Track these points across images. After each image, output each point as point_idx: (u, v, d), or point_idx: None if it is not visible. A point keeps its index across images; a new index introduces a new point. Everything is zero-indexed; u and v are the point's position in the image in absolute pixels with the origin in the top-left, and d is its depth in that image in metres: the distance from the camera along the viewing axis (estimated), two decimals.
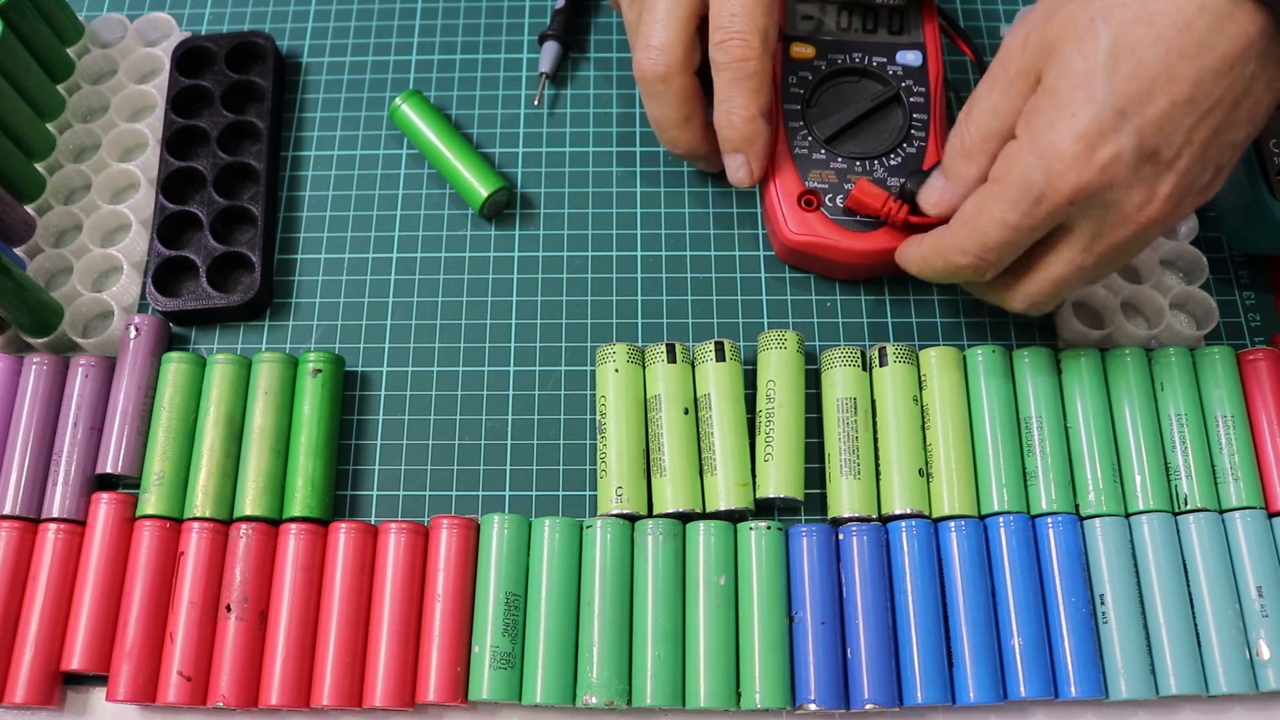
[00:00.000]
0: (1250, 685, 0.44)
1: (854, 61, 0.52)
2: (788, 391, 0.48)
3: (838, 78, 0.52)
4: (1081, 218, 0.40)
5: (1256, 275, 0.53)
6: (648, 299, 0.53)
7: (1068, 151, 0.38)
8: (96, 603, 0.45)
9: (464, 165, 0.54)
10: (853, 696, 0.44)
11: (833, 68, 0.52)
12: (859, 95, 0.52)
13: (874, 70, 0.52)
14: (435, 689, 0.44)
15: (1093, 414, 0.47)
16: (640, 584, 0.45)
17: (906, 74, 0.52)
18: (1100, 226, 0.40)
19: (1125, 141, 0.37)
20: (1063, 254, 0.41)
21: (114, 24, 0.59)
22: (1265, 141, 0.49)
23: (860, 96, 0.52)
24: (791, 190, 0.50)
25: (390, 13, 0.60)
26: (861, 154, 0.50)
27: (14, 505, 0.46)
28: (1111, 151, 0.37)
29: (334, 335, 0.52)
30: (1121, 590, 0.45)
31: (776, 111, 0.51)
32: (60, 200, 0.54)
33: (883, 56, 0.52)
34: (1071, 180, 0.38)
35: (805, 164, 0.50)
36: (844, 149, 0.50)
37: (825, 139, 0.50)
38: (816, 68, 0.52)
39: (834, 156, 0.50)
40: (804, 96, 0.51)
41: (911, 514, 0.46)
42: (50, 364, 0.49)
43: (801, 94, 0.52)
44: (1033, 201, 0.39)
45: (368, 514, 0.49)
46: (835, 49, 0.53)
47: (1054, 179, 0.38)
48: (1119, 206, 0.39)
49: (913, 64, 0.52)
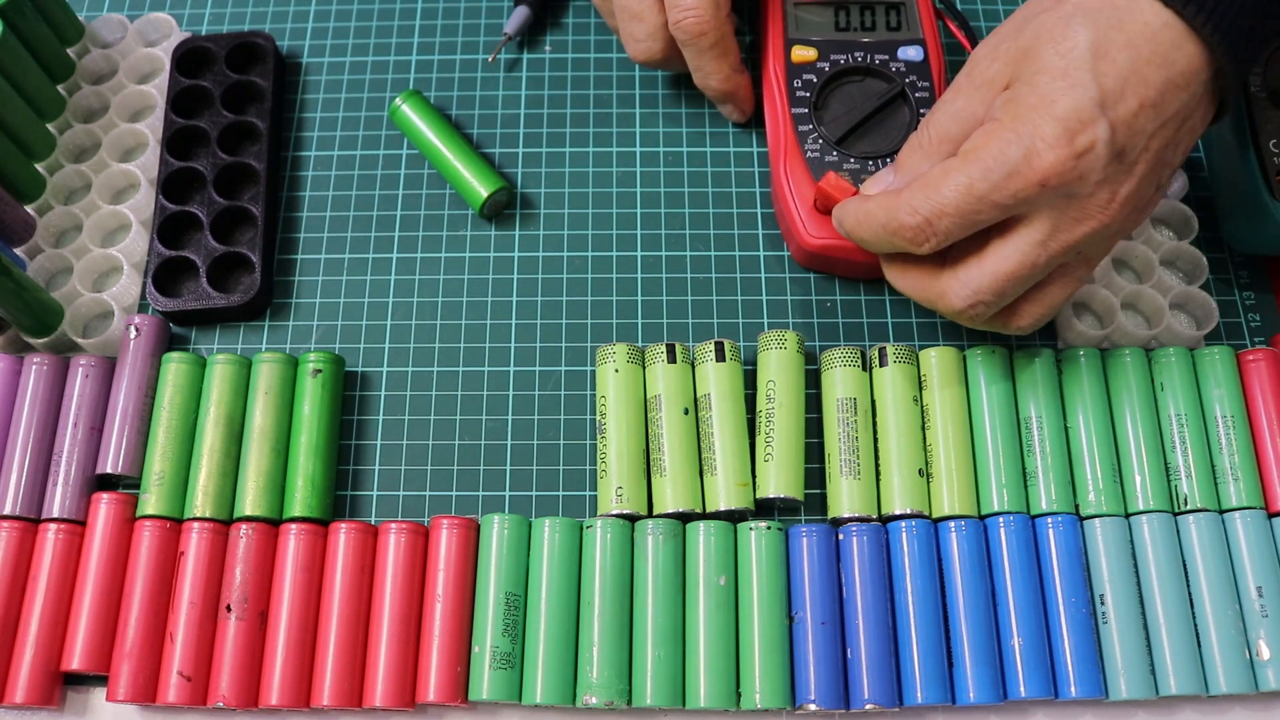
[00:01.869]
0: (1250, 685, 0.44)
1: (856, 61, 0.52)
2: (788, 391, 0.48)
3: (842, 78, 0.52)
4: (1045, 207, 0.39)
5: (1256, 275, 0.53)
6: (648, 299, 0.53)
7: (1049, 132, 0.38)
8: (96, 603, 0.45)
9: (464, 165, 0.54)
10: (853, 696, 0.44)
11: (836, 69, 0.52)
12: (865, 94, 0.52)
13: (877, 68, 0.52)
14: (435, 689, 0.44)
15: (1093, 414, 0.47)
16: (640, 584, 0.45)
17: (909, 70, 0.52)
18: (1060, 220, 0.39)
19: (1101, 133, 0.38)
20: (1019, 244, 0.40)
21: (114, 24, 0.59)
22: (1265, 142, 0.49)
23: (866, 95, 0.52)
24: (807, 195, 0.50)
25: (390, 13, 0.60)
26: (873, 153, 0.50)
27: (14, 505, 0.46)
28: (1088, 140, 0.38)
29: (334, 335, 0.52)
30: (1121, 590, 0.45)
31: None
32: (60, 200, 0.54)
33: (884, 54, 0.52)
34: (1050, 160, 0.38)
35: (818, 167, 0.50)
36: (855, 149, 0.50)
37: (835, 140, 0.50)
38: (820, 70, 0.52)
39: (846, 157, 0.50)
40: (810, 100, 0.52)
41: (911, 514, 0.46)
42: (50, 364, 0.49)
43: (808, 97, 0.52)
44: (1006, 175, 0.38)
45: (368, 514, 0.49)
46: (837, 50, 0.53)
47: (1032, 157, 0.38)
48: (1082, 202, 0.39)
49: (915, 59, 0.52)
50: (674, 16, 0.50)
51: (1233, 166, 0.51)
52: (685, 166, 0.56)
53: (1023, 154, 0.38)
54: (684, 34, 0.50)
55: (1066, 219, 0.39)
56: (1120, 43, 0.38)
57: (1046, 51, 0.39)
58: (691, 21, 0.50)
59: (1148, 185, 0.40)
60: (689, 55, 0.52)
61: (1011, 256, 0.40)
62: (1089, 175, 0.38)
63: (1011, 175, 0.38)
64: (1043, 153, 0.38)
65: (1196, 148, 0.56)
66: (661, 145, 0.56)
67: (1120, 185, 0.39)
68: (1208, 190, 0.55)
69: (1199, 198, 0.54)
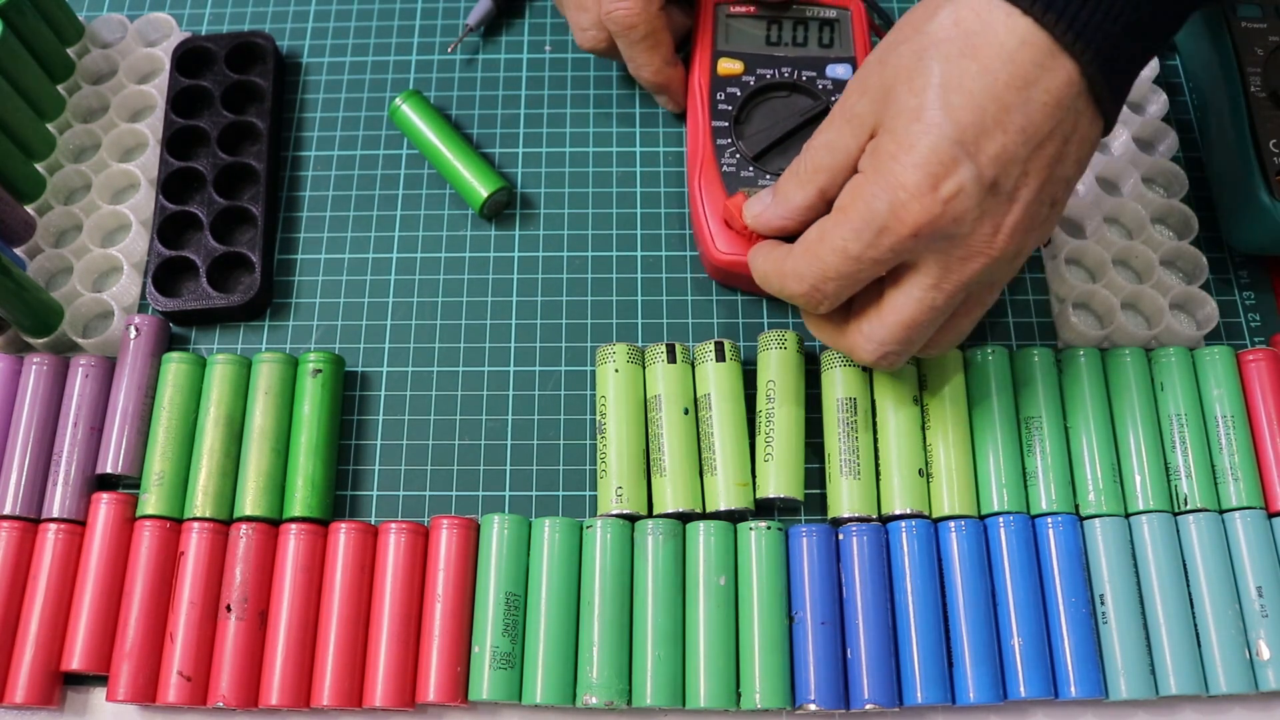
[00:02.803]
0: (1250, 685, 0.44)
1: (783, 76, 0.51)
2: (788, 391, 0.48)
3: (767, 93, 0.51)
4: (927, 253, 0.38)
5: (1256, 275, 0.53)
6: (648, 299, 0.53)
7: (909, 180, 0.37)
8: (96, 603, 0.45)
9: (464, 165, 0.54)
10: (853, 696, 0.44)
11: (761, 83, 0.51)
12: (789, 110, 0.51)
13: (804, 85, 0.51)
14: (435, 689, 0.44)
15: (1093, 414, 0.47)
16: (640, 584, 0.45)
17: (837, 88, 0.51)
18: (948, 261, 0.38)
19: (966, 173, 0.36)
20: (911, 292, 0.39)
21: (114, 24, 0.59)
22: (1265, 142, 0.49)
23: (790, 112, 0.50)
24: (719, 210, 0.49)
25: (390, 13, 0.60)
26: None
27: (14, 505, 0.46)
28: (955, 184, 0.36)
29: (334, 335, 0.52)
30: (1121, 590, 0.45)
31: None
32: (60, 200, 0.54)
33: (813, 70, 0.51)
34: (916, 211, 0.37)
35: (733, 181, 0.49)
36: (773, 165, 0.49)
37: (753, 156, 0.49)
38: (745, 83, 0.51)
39: (762, 173, 0.49)
40: (732, 113, 0.50)
41: (911, 514, 0.46)
42: (50, 364, 0.49)
43: (730, 110, 0.51)
44: (876, 232, 0.38)
45: (368, 514, 0.49)
46: (764, 64, 0.52)
47: (898, 209, 0.37)
48: (966, 240, 0.38)
49: (843, 77, 0.51)
50: (605, 8, 0.51)
51: (1233, 166, 0.51)
52: (685, 166, 0.56)
53: (888, 207, 0.37)
54: (615, 25, 0.51)
55: (954, 259, 0.38)
56: (973, 71, 0.36)
57: (901, 91, 0.37)
58: (622, 14, 0.50)
59: (1038, 208, 0.38)
60: (621, 46, 0.52)
61: (907, 305, 0.40)
62: (963, 216, 0.37)
63: (882, 231, 0.37)
64: (908, 204, 0.37)
65: (1196, 148, 0.56)
66: (661, 145, 0.56)
67: (1003, 217, 0.38)
68: (1208, 190, 0.55)
69: (1199, 198, 0.54)
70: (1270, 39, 0.52)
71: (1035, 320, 0.52)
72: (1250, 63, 0.51)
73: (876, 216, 0.37)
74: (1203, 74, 0.55)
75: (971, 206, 0.37)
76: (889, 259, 0.38)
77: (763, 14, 0.54)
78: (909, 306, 0.40)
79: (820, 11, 0.54)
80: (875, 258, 0.38)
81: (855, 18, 0.53)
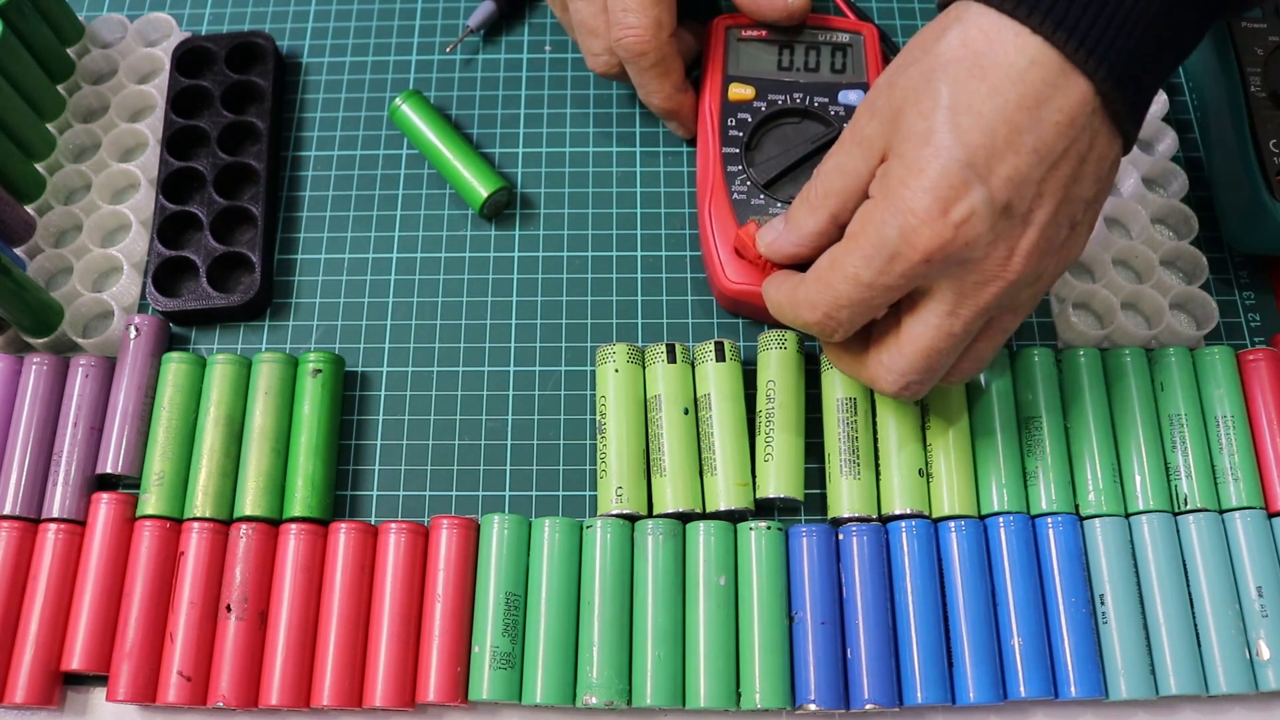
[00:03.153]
0: (1250, 685, 0.44)
1: (795, 102, 0.51)
2: (788, 391, 0.48)
3: (778, 119, 0.51)
4: (941, 278, 0.38)
5: (1256, 275, 0.53)
6: (648, 299, 0.53)
7: (919, 205, 0.36)
8: (96, 603, 0.45)
9: (464, 165, 0.54)
10: (853, 696, 0.44)
11: (773, 109, 0.50)
12: (801, 137, 0.50)
13: (816, 111, 0.50)
14: (435, 689, 0.44)
15: (1092, 414, 0.47)
16: (640, 584, 0.45)
17: (849, 114, 0.50)
18: (962, 287, 0.38)
19: (977, 197, 0.35)
20: (929, 320, 0.39)
21: (114, 24, 0.59)
22: (1265, 142, 0.49)
23: (802, 138, 0.50)
24: (729, 238, 0.48)
25: (390, 13, 0.60)
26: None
27: (14, 505, 0.46)
28: (966, 208, 0.36)
29: (334, 335, 0.52)
30: (1121, 590, 0.45)
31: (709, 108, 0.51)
32: (60, 200, 0.54)
33: (825, 96, 0.51)
34: (927, 236, 0.36)
35: (744, 209, 0.48)
36: (784, 193, 0.48)
37: (764, 184, 0.49)
38: (756, 109, 0.51)
39: (773, 201, 0.49)
40: (743, 140, 0.50)
41: (911, 514, 0.46)
42: (50, 364, 0.49)
43: (740, 136, 0.50)
44: (888, 259, 0.37)
45: (368, 514, 0.49)
46: (776, 89, 0.51)
47: (909, 234, 0.36)
48: (980, 265, 0.37)
49: (855, 104, 0.50)
50: (615, 35, 0.49)
51: (1233, 166, 0.51)
52: (686, 166, 0.56)
53: (899, 233, 0.36)
54: (625, 52, 0.50)
55: (969, 285, 0.38)
56: (983, 92, 0.36)
57: (910, 114, 0.37)
58: (632, 40, 0.49)
59: (1054, 230, 0.37)
60: (631, 73, 0.51)
61: (925, 333, 0.39)
62: (976, 240, 0.36)
63: (894, 258, 0.37)
64: (919, 229, 0.36)
65: (1196, 148, 0.56)
66: (661, 145, 0.56)
67: (1018, 240, 0.37)
68: (1208, 190, 0.55)
69: (1199, 198, 0.54)
70: (1270, 39, 0.52)
71: (1035, 320, 0.52)
72: (1250, 63, 0.51)
73: (887, 243, 0.37)
74: (1203, 74, 0.56)
75: (984, 230, 0.36)
76: (902, 285, 0.38)
77: (774, 38, 0.53)
78: (927, 334, 0.39)
79: (833, 36, 0.53)
80: (888, 284, 0.38)
81: (868, 42, 0.53)
